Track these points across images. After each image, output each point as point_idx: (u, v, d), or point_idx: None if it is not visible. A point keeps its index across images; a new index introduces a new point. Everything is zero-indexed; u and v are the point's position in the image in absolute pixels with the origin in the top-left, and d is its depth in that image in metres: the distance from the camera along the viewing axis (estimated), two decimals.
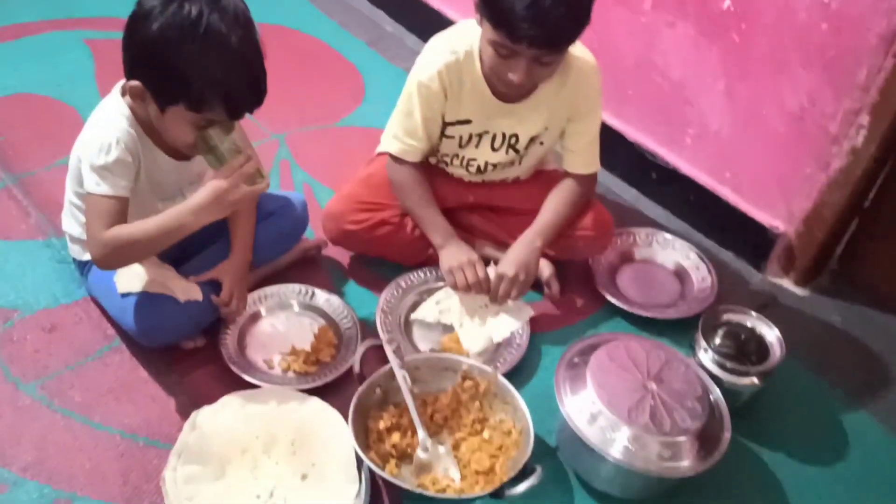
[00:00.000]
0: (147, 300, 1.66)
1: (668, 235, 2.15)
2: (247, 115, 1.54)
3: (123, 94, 1.56)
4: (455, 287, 1.86)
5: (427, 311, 1.89)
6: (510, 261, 1.84)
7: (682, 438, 1.50)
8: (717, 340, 1.76)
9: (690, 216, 2.26)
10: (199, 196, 1.50)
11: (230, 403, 1.62)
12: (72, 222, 1.76)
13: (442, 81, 1.79)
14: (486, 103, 1.82)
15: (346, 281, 1.98)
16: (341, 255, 2.03)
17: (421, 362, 1.69)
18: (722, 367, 1.70)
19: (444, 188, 1.96)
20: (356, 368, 1.64)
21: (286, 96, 2.48)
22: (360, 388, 1.60)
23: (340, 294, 1.91)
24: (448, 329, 1.87)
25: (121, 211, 1.54)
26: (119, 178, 1.54)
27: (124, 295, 1.67)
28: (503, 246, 1.96)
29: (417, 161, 1.90)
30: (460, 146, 1.91)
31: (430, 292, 1.93)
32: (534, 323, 1.89)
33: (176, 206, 1.52)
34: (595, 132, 1.91)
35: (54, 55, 2.57)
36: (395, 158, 1.90)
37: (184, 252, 1.81)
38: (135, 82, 1.48)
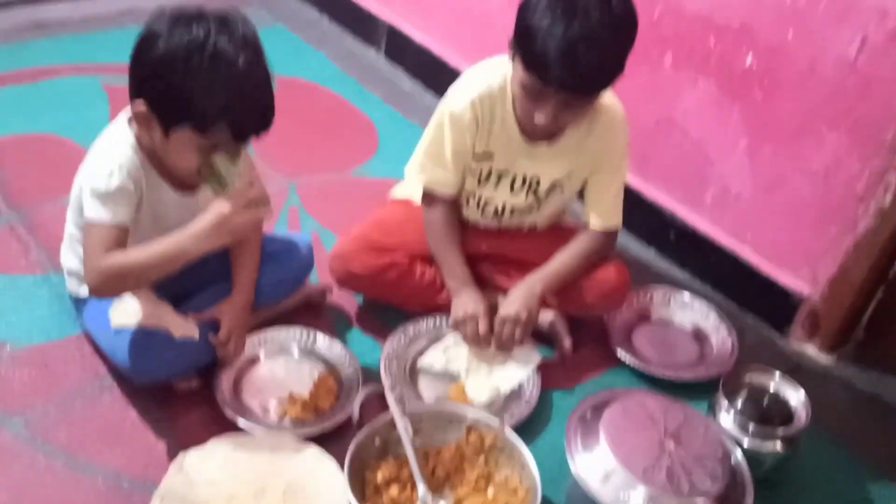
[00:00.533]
0: (141, 335, 1.59)
1: (686, 295, 2.07)
2: (259, 161, 1.50)
3: (130, 123, 1.53)
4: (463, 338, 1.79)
5: (434, 359, 1.81)
6: (510, 301, 1.78)
7: (700, 501, 1.39)
8: (739, 402, 1.66)
9: (710, 277, 2.19)
10: (201, 221, 1.44)
11: (220, 447, 1.53)
12: (70, 255, 1.70)
13: (475, 112, 1.75)
14: (512, 141, 1.77)
15: (351, 328, 1.91)
16: (346, 302, 1.96)
17: (424, 412, 1.60)
18: (744, 429, 1.60)
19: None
20: (355, 416, 1.55)
21: (299, 145, 2.46)
22: (358, 437, 1.51)
23: (344, 341, 1.84)
24: (455, 379, 1.78)
25: (120, 240, 1.49)
26: (120, 206, 1.49)
27: (118, 329, 1.60)
28: None
29: (450, 194, 1.85)
30: (479, 183, 1.86)
31: (439, 341, 1.85)
32: (544, 380, 1.80)
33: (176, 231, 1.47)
34: (618, 187, 1.86)
35: (71, 99, 2.56)
36: (427, 195, 1.86)
37: (184, 291, 1.75)
38: (140, 105, 1.44)
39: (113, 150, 1.52)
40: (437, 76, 2.72)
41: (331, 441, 1.59)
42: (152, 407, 1.65)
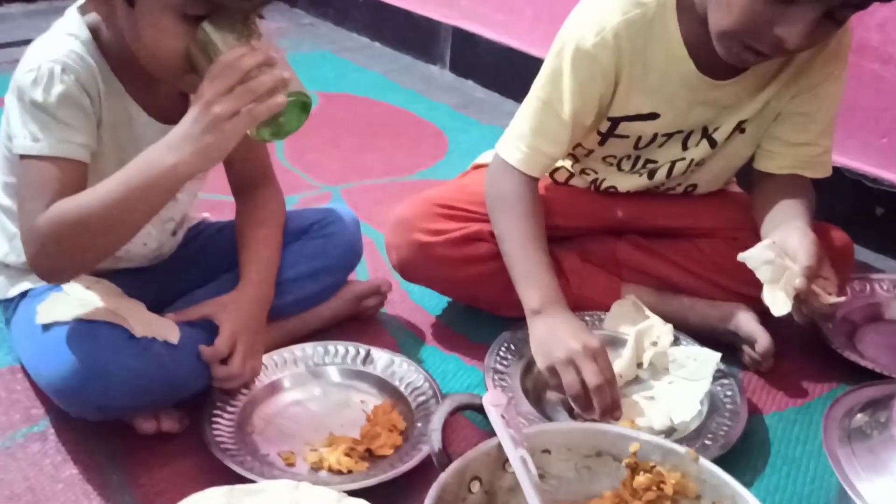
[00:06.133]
0: (79, 335, 0.97)
1: None
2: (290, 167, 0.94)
3: (81, 10, 0.99)
4: (559, 390, 1.08)
5: None
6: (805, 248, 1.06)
7: None
8: None
9: None
10: (182, 121, 0.89)
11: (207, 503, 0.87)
12: None
13: (618, 51, 1.11)
14: (687, 85, 1.15)
15: (422, 346, 1.26)
16: (414, 312, 1.33)
17: (554, 439, 0.93)
18: None
19: (579, 201, 1.27)
20: (435, 445, 0.89)
21: (347, 156, 1.89)
22: (443, 481, 0.84)
23: (420, 364, 1.18)
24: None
25: (71, 182, 0.93)
26: (68, 130, 0.94)
27: (47, 328, 0.99)
28: (666, 292, 1.26)
29: (540, 176, 1.22)
30: (637, 147, 1.23)
31: None
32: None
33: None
34: (834, 113, 1.22)
35: None
36: (505, 166, 1.21)
37: (171, 290, 1.16)
38: None
39: (52, 47, 0.96)
40: (518, 78, 2.17)
41: (395, 496, 0.95)
42: (104, 459, 1.01)
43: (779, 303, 1.07)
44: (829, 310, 1.07)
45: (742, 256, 1.10)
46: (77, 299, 1.03)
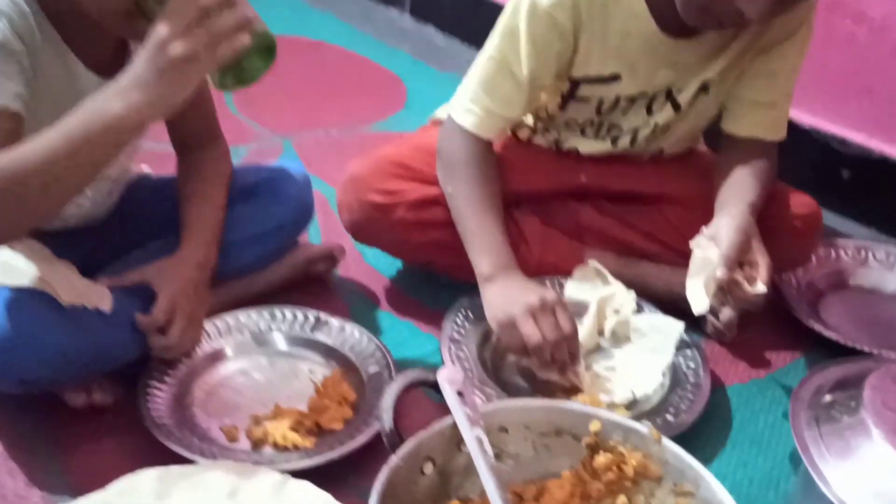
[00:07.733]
0: (3, 299, 0.89)
1: (894, 249, 1.36)
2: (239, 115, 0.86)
3: None
4: (515, 351, 1.04)
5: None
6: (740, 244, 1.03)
7: None
8: None
9: None
10: (132, 65, 0.80)
11: (137, 487, 0.82)
12: None
13: (575, 10, 1.07)
14: (648, 45, 1.10)
15: (375, 310, 1.21)
16: (368, 275, 1.27)
17: (512, 416, 0.89)
18: None
19: (541, 163, 1.21)
20: (386, 423, 0.84)
21: (300, 105, 1.81)
22: (394, 463, 0.80)
23: (373, 330, 1.13)
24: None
25: (7, 136, 0.84)
26: (1, 78, 0.84)
27: None
28: (629, 258, 1.22)
29: (495, 138, 1.17)
30: (599, 112, 1.18)
31: None
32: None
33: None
34: (796, 74, 1.18)
35: None
36: (459, 128, 1.14)
37: (106, 251, 1.08)
38: None
39: None
40: (481, 25, 2.08)
41: (344, 477, 0.90)
42: (34, 435, 0.95)
43: (697, 300, 1.03)
44: (754, 299, 1.03)
45: (693, 244, 1.07)
46: (5, 264, 0.95)
